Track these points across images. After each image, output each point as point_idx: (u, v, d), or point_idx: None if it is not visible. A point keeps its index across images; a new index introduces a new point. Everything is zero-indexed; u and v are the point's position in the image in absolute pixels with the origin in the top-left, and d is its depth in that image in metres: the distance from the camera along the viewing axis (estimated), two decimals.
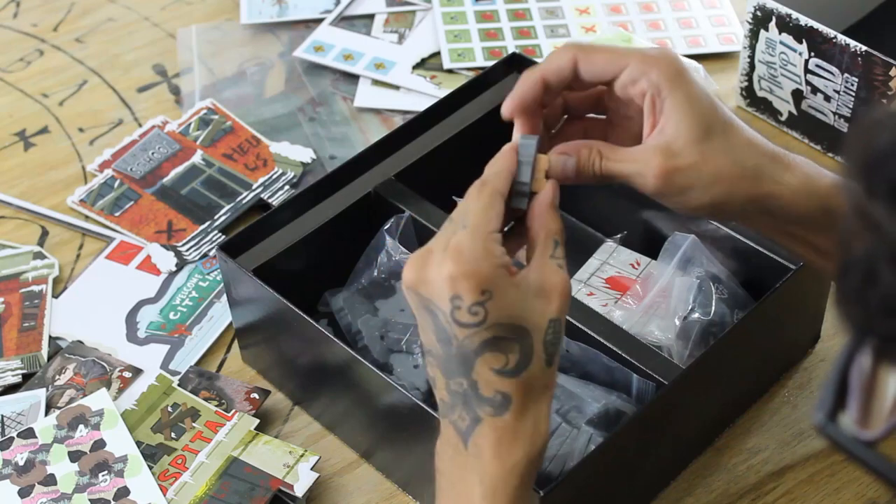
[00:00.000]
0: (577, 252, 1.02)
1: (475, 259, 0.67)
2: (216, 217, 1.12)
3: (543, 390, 0.68)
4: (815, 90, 1.14)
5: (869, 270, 0.46)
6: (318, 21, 1.35)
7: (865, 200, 0.46)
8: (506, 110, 0.74)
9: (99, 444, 0.92)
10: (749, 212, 0.75)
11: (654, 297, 0.95)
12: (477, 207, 0.69)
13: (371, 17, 1.35)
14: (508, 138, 0.75)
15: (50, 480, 0.90)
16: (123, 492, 0.89)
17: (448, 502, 0.70)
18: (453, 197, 0.91)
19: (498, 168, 0.72)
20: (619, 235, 1.02)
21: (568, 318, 0.89)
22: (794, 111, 1.17)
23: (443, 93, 1.20)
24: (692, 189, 0.73)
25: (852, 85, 1.10)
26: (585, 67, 0.74)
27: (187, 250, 1.09)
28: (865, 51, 1.07)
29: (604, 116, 0.79)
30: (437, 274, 0.67)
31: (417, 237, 0.97)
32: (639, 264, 0.99)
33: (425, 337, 0.70)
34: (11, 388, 0.99)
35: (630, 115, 0.76)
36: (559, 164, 0.74)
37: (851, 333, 0.49)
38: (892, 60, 1.06)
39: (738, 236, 0.95)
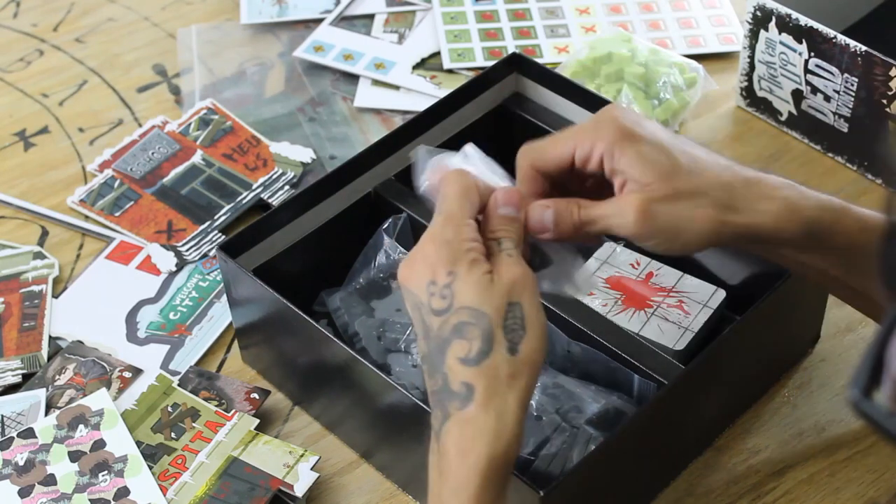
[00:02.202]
0: None
1: (446, 241, 0.69)
2: (216, 217, 1.12)
3: (510, 382, 0.67)
4: (814, 90, 1.14)
5: None
6: (318, 21, 1.35)
7: None
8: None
9: (99, 444, 0.92)
10: (740, 242, 0.76)
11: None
12: (452, 194, 0.72)
13: (371, 17, 1.35)
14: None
15: (50, 480, 0.90)
16: (123, 492, 0.89)
17: None
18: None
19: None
20: (620, 242, 1.01)
21: (568, 318, 0.89)
22: (794, 111, 1.17)
23: (443, 93, 1.20)
24: (675, 228, 0.73)
25: (852, 85, 1.10)
26: (543, 166, 0.76)
27: (187, 250, 1.09)
28: (865, 51, 1.07)
29: None
30: (418, 260, 0.70)
31: (415, 237, 0.97)
32: (639, 264, 0.99)
33: (418, 339, 0.71)
34: (11, 388, 0.99)
35: (598, 190, 0.77)
36: (537, 215, 0.75)
37: (892, 307, 0.47)
38: (892, 60, 1.06)
39: None
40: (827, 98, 1.13)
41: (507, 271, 0.69)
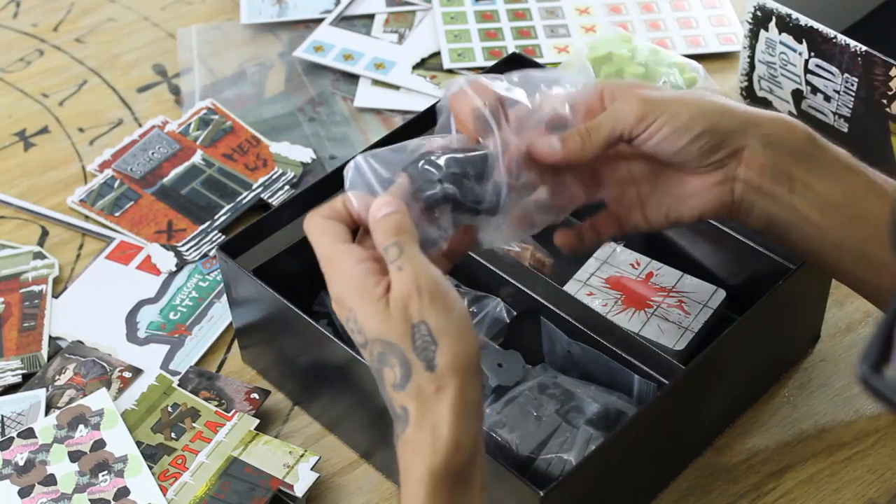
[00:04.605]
0: None
1: (331, 282, 0.70)
2: (216, 217, 1.12)
3: (437, 395, 0.66)
4: (815, 90, 1.14)
5: None
6: (318, 21, 1.35)
7: None
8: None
9: (99, 444, 0.92)
10: (744, 149, 0.78)
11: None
12: (313, 238, 0.72)
13: (371, 17, 1.35)
14: None
15: (50, 480, 0.90)
16: (123, 492, 0.89)
17: None
18: None
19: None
20: (621, 242, 1.01)
21: (568, 318, 0.89)
22: (794, 111, 1.17)
23: (443, 93, 1.20)
24: (673, 124, 0.76)
25: (852, 85, 1.10)
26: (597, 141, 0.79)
27: (187, 250, 1.09)
28: (865, 51, 1.07)
29: None
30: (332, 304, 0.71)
31: None
32: (639, 264, 0.99)
33: None
34: (11, 388, 0.99)
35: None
36: (544, 142, 0.77)
37: None
38: (892, 60, 1.06)
39: (739, 236, 0.95)
40: (827, 98, 1.13)
41: (398, 288, 0.67)
